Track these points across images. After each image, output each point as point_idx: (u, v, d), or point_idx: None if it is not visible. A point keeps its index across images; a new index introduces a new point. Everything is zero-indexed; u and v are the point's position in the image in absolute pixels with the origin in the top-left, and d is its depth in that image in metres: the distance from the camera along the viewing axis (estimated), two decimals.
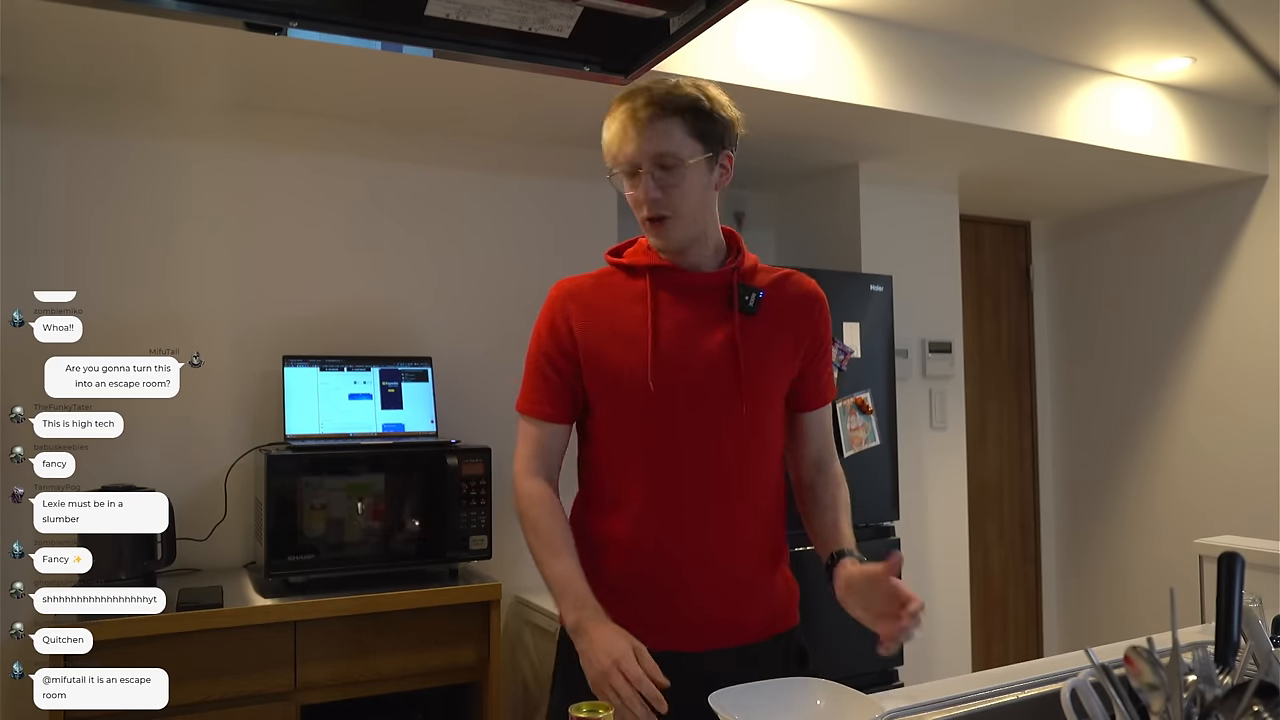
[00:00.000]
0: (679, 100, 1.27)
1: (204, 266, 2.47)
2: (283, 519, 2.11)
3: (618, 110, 1.29)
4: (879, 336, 2.86)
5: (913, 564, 3.12)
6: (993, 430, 4.14)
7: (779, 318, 1.36)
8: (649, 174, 1.27)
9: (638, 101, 1.27)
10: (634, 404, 1.31)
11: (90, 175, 2.36)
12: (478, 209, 2.81)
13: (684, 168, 1.27)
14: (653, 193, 1.27)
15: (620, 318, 1.33)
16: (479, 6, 1.16)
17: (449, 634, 2.18)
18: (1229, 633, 1.02)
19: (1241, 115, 3.38)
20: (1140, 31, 2.72)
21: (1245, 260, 3.53)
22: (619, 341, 1.32)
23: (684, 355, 1.31)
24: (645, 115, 1.26)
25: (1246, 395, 3.50)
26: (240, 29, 1.13)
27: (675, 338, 1.32)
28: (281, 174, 2.57)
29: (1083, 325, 4.19)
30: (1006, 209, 4.13)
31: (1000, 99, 2.80)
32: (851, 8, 2.52)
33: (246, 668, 1.97)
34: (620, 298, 1.35)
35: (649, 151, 1.26)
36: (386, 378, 2.43)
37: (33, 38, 2.03)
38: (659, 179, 1.27)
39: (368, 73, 2.29)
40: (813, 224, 3.39)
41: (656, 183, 1.27)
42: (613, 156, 1.30)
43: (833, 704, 1.14)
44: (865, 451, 2.79)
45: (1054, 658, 1.44)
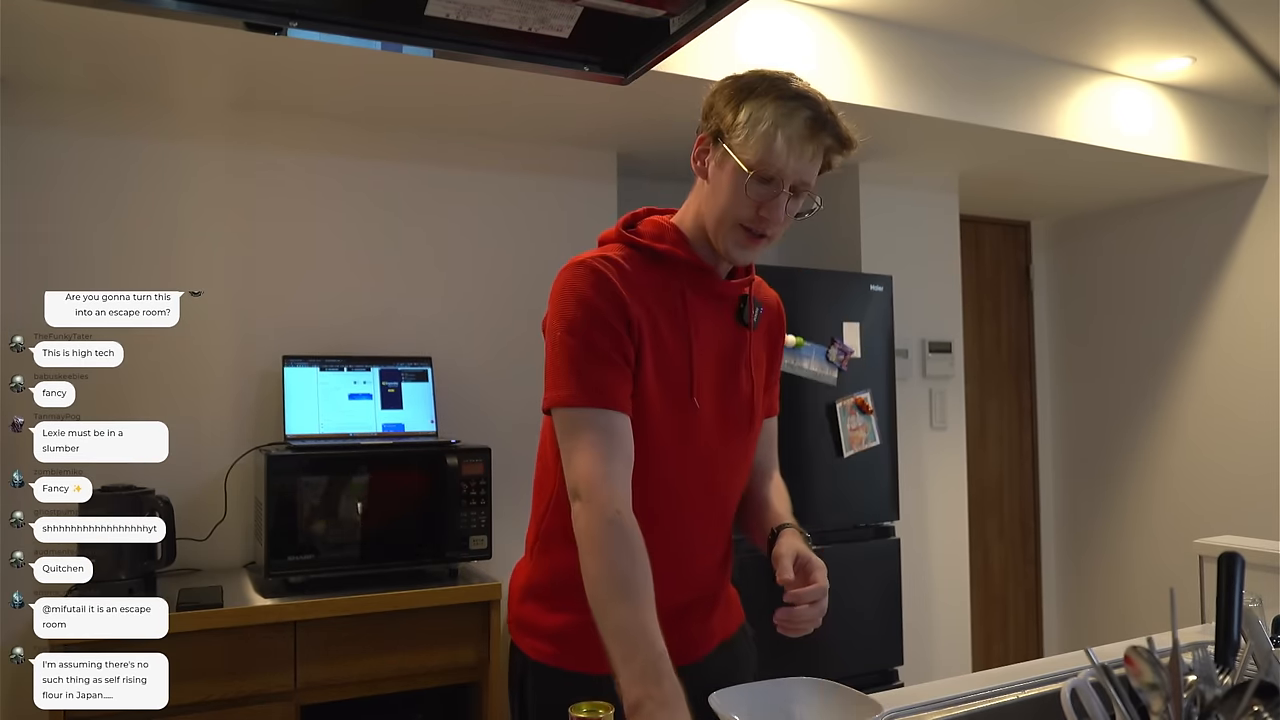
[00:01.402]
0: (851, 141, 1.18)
1: (205, 266, 2.47)
2: (283, 519, 2.11)
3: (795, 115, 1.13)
4: (879, 336, 2.86)
5: (913, 564, 3.12)
6: (993, 430, 4.14)
7: (764, 331, 1.31)
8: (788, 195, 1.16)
9: (834, 123, 1.15)
10: (673, 417, 1.17)
11: (91, 176, 2.36)
12: (478, 209, 2.81)
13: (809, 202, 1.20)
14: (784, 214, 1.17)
15: (662, 310, 1.18)
16: (479, 6, 1.16)
17: (449, 634, 2.18)
18: (1229, 633, 1.02)
19: (1241, 115, 3.38)
20: (1140, 31, 2.72)
21: (1245, 260, 3.53)
22: (659, 339, 1.17)
23: (712, 368, 1.22)
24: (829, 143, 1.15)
25: (1247, 395, 3.50)
26: (240, 29, 1.13)
27: (705, 347, 1.21)
28: (281, 174, 2.57)
29: (1083, 325, 4.19)
30: (1006, 209, 4.13)
31: (1000, 99, 2.80)
32: (851, 8, 2.52)
33: (246, 668, 1.97)
34: (652, 288, 1.18)
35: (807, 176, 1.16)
36: (386, 378, 2.43)
37: (34, 38, 2.03)
38: (791, 205, 1.17)
39: (368, 73, 2.29)
40: (813, 224, 3.37)
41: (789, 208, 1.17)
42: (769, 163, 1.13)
43: (833, 704, 1.14)
44: (865, 451, 2.79)
45: (1054, 658, 1.44)
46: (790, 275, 2.75)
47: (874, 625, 2.76)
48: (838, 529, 2.74)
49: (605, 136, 2.86)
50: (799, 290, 2.71)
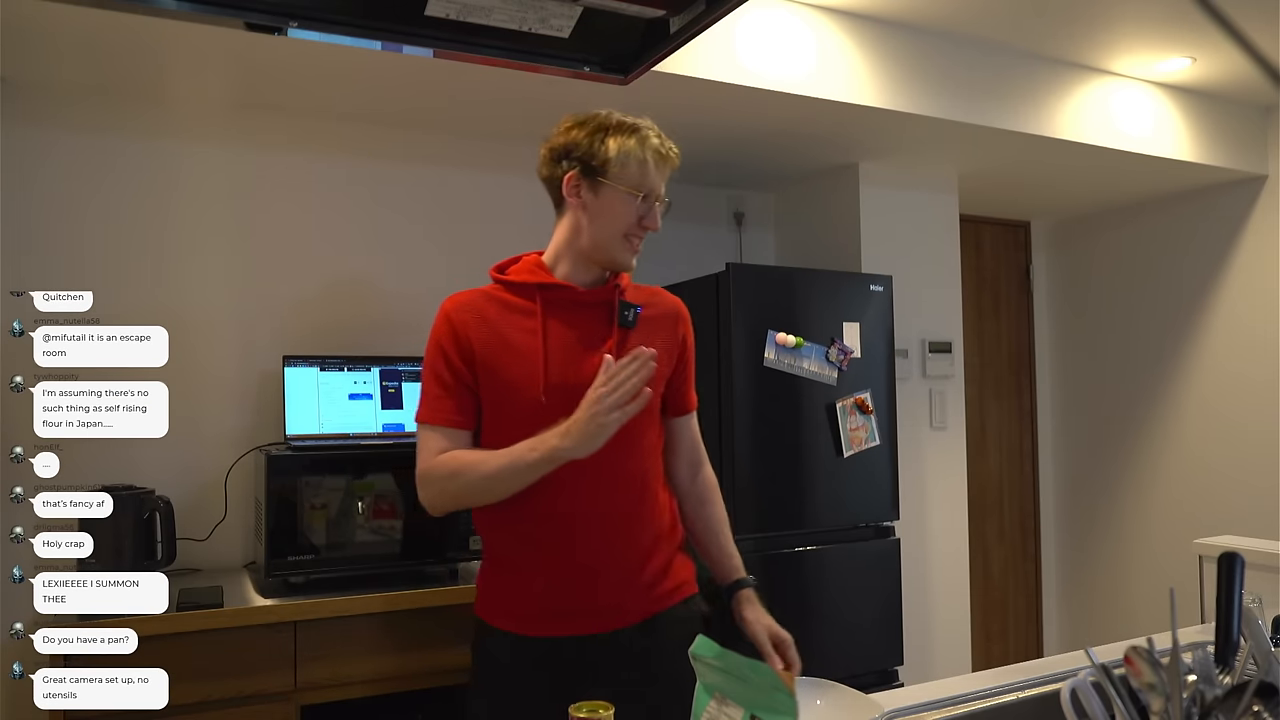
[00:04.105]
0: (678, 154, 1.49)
1: (204, 266, 2.47)
2: (283, 519, 2.11)
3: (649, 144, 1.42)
4: (879, 336, 2.86)
5: (913, 564, 3.12)
6: (993, 430, 4.14)
7: (652, 331, 1.48)
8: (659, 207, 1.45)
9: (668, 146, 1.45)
10: (527, 416, 1.37)
11: (90, 175, 2.36)
12: (478, 208, 2.81)
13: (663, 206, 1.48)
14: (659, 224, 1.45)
15: (512, 332, 1.42)
16: (479, 6, 1.16)
17: (449, 634, 2.18)
18: (1229, 633, 1.02)
19: (1241, 115, 3.38)
20: (1140, 31, 2.72)
21: (1245, 260, 3.53)
22: (511, 354, 1.40)
23: (573, 367, 1.40)
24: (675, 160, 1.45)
25: (1247, 394, 3.50)
26: (240, 29, 1.13)
27: (564, 351, 1.41)
28: (281, 174, 2.57)
29: (1083, 325, 4.19)
30: (1006, 209, 4.13)
31: (1000, 99, 2.80)
32: (851, 8, 2.52)
33: (246, 668, 1.97)
34: (510, 312, 1.44)
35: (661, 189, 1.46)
36: (387, 378, 2.43)
37: (33, 38, 2.03)
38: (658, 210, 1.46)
39: (368, 73, 2.29)
40: (812, 224, 3.39)
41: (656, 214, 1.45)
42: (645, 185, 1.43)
43: (833, 704, 1.14)
44: (865, 451, 2.79)
45: (1054, 658, 1.44)
46: (790, 275, 2.75)
47: (874, 625, 2.76)
48: (837, 529, 2.74)
49: None
50: (799, 290, 2.71)
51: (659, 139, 1.44)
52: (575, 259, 1.46)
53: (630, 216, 1.42)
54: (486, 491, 1.39)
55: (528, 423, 1.36)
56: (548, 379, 1.38)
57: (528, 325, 1.42)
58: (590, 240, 1.44)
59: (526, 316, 1.43)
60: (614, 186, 1.41)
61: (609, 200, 1.42)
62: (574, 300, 1.45)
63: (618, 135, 1.41)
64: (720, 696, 1.04)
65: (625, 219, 1.42)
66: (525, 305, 1.44)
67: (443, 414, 1.41)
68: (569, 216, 1.47)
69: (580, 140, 1.42)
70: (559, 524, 1.40)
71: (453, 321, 1.44)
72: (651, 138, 1.43)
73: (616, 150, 1.40)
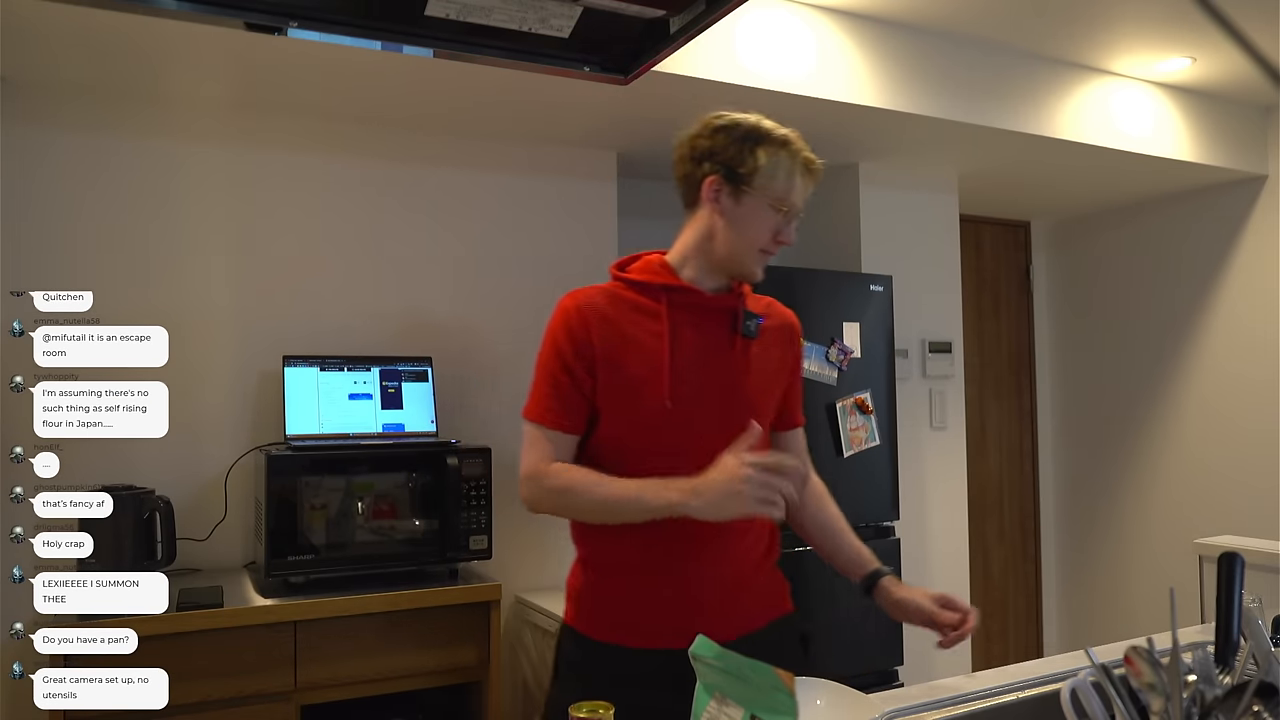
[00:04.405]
0: None
1: (204, 266, 2.47)
2: (283, 519, 2.11)
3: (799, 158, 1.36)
4: (879, 336, 2.86)
5: (913, 564, 3.12)
6: (993, 430, 4.14)
7: (769, 343, 1.45)
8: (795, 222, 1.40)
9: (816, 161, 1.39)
10: (648, 418, 1.33)
11: (90, 175, 2.36)
12: (478, 209, 2.81)
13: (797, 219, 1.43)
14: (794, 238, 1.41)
15: (635, 331, 1.36)
16: (479, 6, 1.16)
17: (449, 634, 2.18)
18: (1229, 633, 1.02)
19: (1241, 115, 3.38)
20: (1140, 31, 2.72)
21: (1245, 260, 3.53)
22: (634, 353, 1.35)
23: (697, 372, 1.36)
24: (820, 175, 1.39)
25: (1247, 393, 3.50)
26: (240, 29, 1.13)
27: (689, 355, 1.36)
28: (281, 174, 2.57)
29: (1082, 325, 4.19)
30: (1006, 209, 4.13)
31: (1000, 99, 2.80)
32: (851, 8, 2.52)
33: (246, 668, 1.97)
34: (633, 311, 1.38)
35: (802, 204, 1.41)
36: (386, 378, 2.43)
37: (33, 38, 2.03)
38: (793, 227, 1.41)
39: (368, 73, 2.29)
40: (813, 224, 3.39)
41: None
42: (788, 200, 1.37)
43: (833, 704, 1.14)
44: (865, 451, 2.79)
45: (1054, 658, 1.44)
46: (790, 275, 2.74)
47: (874, 625, 2.76)
48: None
49: (605, 136, 2.86)
50: (799, 290, 2.70)
51: (809, 154, 1.38)
52: (703, 263, 1.40)
53: (769, 229, 1.37)
54: (597, 515, 1.35)
55: (649, 425, 1.33)
56: (673, 382, 1.34)
57: (652, 327, 1.37)
58: (725, 249, 1.38)
59: (651, 318, 1.38)
60: (758, 197, 1.35)
61: (750, 210, 1.36)
62: (699, 304, 1.40)
63: (769, 146, 1.35)
64: (720, 696, 1.04)
65: (764, 231, 1.37)
66: (650, 306, 1.38)
67: (551, 417, 1.37)
68: (702, 220, 1.40)
69: (728, 145, 1.35)
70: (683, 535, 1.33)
71: (571, 319, 1.37)
72: (803, 152, 1.37)
73: (766, 161, 1.34)
